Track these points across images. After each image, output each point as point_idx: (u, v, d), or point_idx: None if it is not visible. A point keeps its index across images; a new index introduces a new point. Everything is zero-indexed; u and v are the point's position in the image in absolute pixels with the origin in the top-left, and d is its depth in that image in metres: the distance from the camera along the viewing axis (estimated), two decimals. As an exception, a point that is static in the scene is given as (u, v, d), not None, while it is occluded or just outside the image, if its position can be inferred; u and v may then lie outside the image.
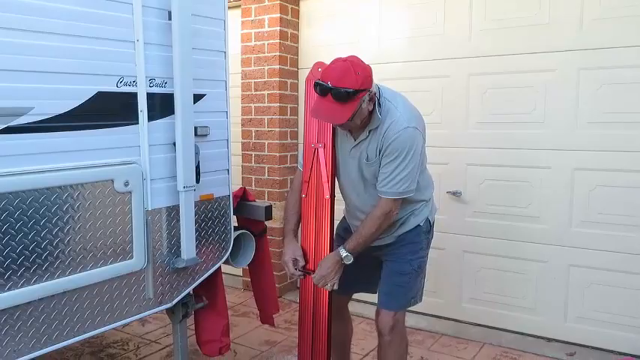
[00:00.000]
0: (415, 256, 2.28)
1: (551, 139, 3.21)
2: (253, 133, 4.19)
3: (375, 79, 2.06)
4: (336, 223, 2.43)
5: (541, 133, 3.24)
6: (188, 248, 2.32)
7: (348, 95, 1.93)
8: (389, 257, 2.32)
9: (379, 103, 2.09)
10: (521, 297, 3.40)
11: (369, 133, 2.12)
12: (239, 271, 4.25)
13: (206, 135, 2.40)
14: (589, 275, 3.18)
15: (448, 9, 3.49)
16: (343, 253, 2.16)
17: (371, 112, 2.08)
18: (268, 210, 2.77)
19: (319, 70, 2.09)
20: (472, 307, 3.58)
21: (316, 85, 1.99)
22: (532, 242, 3.33)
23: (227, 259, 2.62)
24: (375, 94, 2.06)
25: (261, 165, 4.17)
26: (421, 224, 2.30)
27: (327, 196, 2.25)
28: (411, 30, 3.64)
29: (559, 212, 3.23)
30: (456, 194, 3.52)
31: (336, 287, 2.21)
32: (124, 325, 3.15)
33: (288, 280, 4.23)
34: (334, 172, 2.27)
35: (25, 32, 1.78)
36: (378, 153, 2.12)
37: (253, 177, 4.22)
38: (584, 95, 3.10)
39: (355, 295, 2.64)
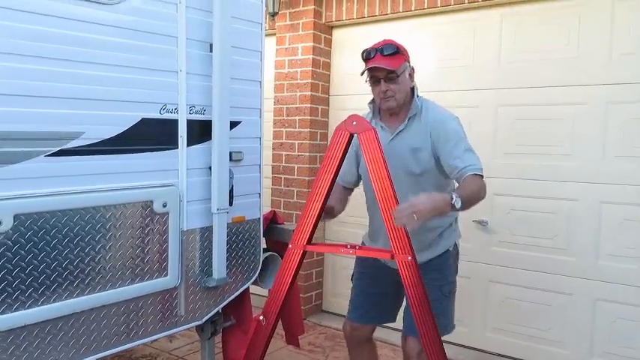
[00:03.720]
0: (445, 282, 2.28)
1: (579, 171, 3.22)
2: (284, 157, 4.31)
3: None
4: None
5: (568, 166, 3.26)
6: (219, 268, 2.42)
7: (394, 51, 2.15)
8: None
9: (417, 95, 2.24)
10: (546, 329, 3.38)
11: (408, 120, 2.21)
12: (266, 292, 4.33)
13: (240, 160, 2.52)
14: (616, 310, 3.15)
15: (477, 40, 3.57)
16: (455, 195, 1.91)
17: (410, 98, 2.22)
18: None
19: (354, 123, 2.02)
20: (496, 337, 3.57)
21: (362, 52, 2.20)
22: (558, 274, 3.32)
23: (255, 279, 2.71)
24: (414, 72, 2.24)
25: (290, 188, 4.28)
26: (450, 249, 2.32)
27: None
28: (440, 60, 3.72)
29: (586, 245, 3.23)
30: (482, 223, 3.55)
31: (416, 225, 1.84)
32: (154, 341, 3.26)
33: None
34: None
35: (79, 63, 1.94)
36: (425, 140, 2.17)
37: (282, 200, 4.33)
38: (611, 129, 3.12)
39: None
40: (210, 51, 2.33)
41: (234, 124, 2.47)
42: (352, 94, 4.13)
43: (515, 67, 3.43)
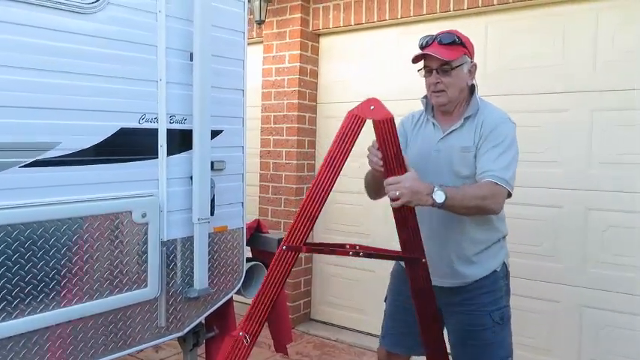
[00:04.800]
0: (495, 307, 2.01)
1: (565, 178, 3.22)
2: (271, 165, 4.29)
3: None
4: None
5: (554, 172, 3.26)
6: (201, 278, 2.39)
7: (453, 40, 1.95)
8: (461, 308, 2.03)
9: (477, 94, 2.06)
10: (533, 336, 3.36)
11: (464, 120, 2.01)
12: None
13: (222, 169, 2.50)
14: (603, 317, 3.14)
15: (463, 49, 3.57)
16: (439, 189, 1.77)
17: (469, 98, 2.04)
18: (280, 242, 2.83)
19: (371, 107, 1.81)
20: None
21: (422, 38, 2.00)
22: (545, 281, 3.31)
23: (239, 289, 2.69)
24: (475, 68, 2.05)
25: (278, 196, 4.26)
26: (498, 269, 2.07)
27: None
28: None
29: (572, 252, 3.22)
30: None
31: (397, 203, 1.75)
32: (139, 351, 3.22)
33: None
34: None
35: (54, 72, 1.92)
36: (477, 139, 1.97)
37: (270, 208, 4.31)
38: (597, 135, 3.12)
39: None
40: (191, 60, 2.31)
41: (215, 133, 2.45)
42: (340, 101, 4.13)
43: (501, 74, 3.43)
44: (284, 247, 1.86)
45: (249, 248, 2.89)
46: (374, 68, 3.98)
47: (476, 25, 3.52)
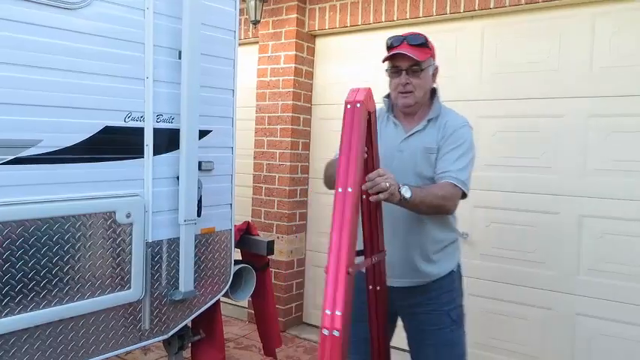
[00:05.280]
0: (452, 306, 2.08)
1: (559, 184, 3.19)
2: (265, 166, 4.25)
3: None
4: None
5: (549, 179, 3.22)
6: (186, 281, 2.35)
7: (422, 42, 1.98)
8: (420, 309, 2.07)
9: (438, 98, 2.11)
10: (524, 344, 3.32)
11: (428, 122, 2.05)
12: (244, 303, 4.26)
13: (210, 170, 2.46)
14: (595, 325, 3.10)
15: (459, 51, 3.54)
16: (406, 186, 1.77)
17: (431, 101, 2.08)
18: (270, 245, 2.79)
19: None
20: (476, 351, 3.50)
21: (389, 38, 2.02)
22: (537, 288, 3.27)
23: (227, 292, 2.65)
24: (437, 72, 2.09)
25: (271, 198, 4.22)
26: (454, 270, 2.14)
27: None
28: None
29: (566, 259, 3.18)
30: (462, 236, 3.49)
31: (380, 197, 1.71)
32: (127, 353, 3.18)
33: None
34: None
35: (36, 69, 1.88)
36: (440, 140, 2.02)
37: (263, 209, 4.27)
38: (592, 142, 3.09)
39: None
40: (180, 58, 2.27)
41: (204, 133, 2.42)
42: (335, 103, 4.09)
43: (497, 79, 3.40)
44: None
45: (238, 250, 2.85)
46: (369, 70, 3.93)
47: (472, 28, 3.49)
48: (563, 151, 3.18)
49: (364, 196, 1.75)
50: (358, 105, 1.63)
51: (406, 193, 1.76)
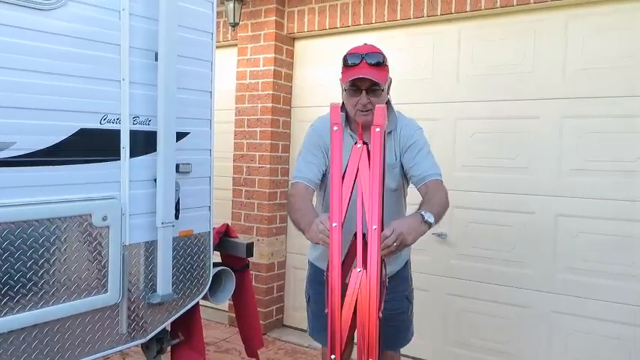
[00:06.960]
0: (409, 290, 2.35)
1: (535, 184, 3.24)
2: (244, 169, 4.24)
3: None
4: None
5: (525, 179, 3.28)
6: (164, 284, 2.33)
7: (381, 61, 1.99)
8: (386, 297, 2.22)
9: (392, 109, 2.16)
10: (503, 342, 3.37)
11: (387, 136, 2.07)
12: (224, 306, 4.24)
13: (188, 172, 2.45)
14: (572, 322, 3.15)
15: (437, 54, 3.58)
16: (424, 212, 1.81)
17: (387, 113, 2.02)
18: (249, 247, 2.79)
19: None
20: (455, 350, 3.55)
21: (346, 57, 2.00)
22: (515, 287, 3.32)
23: (206, 295, 2.63)
24: (391, 83, 2.12)
25: (251, 200, 4.21)
26: (409, 259, 2.37)
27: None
28: (401, 73, 3.70)
29: (542, 258, 3.23)
30: (441, 236, 3.53)
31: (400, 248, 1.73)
32: (105, 358, 3.13)
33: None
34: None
35: (9, 70, 1.85)
36: (398, 154, 2.13)
37: (243, 212, 4.25)
38: (567, 142, 3.15)
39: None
40: (156, 60, 2.26)
41: (181, 135, 2.40)
42: (314, 105, 4.10)
43: (474, 81, 3.45)
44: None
45: (218, 253, 2.84)
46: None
47: (449, 31, 3.53)
48: (538, 151, 3.23)
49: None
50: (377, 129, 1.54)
51: (430, 218, 1.81)
